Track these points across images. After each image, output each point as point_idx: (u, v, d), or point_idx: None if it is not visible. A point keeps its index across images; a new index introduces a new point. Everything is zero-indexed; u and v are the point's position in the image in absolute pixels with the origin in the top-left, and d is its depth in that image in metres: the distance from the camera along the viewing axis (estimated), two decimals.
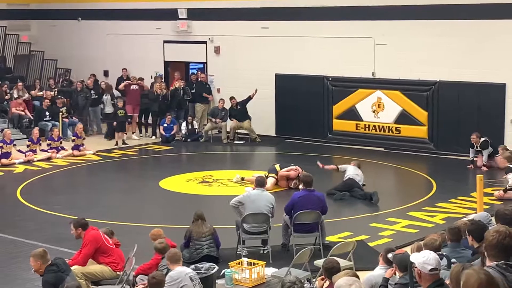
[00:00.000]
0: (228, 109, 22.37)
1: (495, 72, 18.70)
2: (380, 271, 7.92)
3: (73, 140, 20.87)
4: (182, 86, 23.09)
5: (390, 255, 7.85)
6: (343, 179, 15.64)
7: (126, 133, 22.59)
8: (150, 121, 23.69)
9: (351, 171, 15.65)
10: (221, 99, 22.70)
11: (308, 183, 11.83)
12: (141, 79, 23.94)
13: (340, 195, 15.18)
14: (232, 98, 22.23)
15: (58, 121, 22.55)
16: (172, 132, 22.33)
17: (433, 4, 19.64)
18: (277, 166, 16.63)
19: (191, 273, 8.48)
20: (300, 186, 12.39)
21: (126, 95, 23.23)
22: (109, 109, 23.35)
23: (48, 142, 20.50)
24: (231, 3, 23.12)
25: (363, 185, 15.62)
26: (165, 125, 22.38)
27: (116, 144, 21.97)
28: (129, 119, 22.71)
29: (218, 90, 23.74)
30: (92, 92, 23.75)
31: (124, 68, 24.92)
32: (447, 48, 19.53)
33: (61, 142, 20.57)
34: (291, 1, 22.02)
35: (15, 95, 23.27)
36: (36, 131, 20.30)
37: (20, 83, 23.67)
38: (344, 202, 15.06)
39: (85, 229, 9.96)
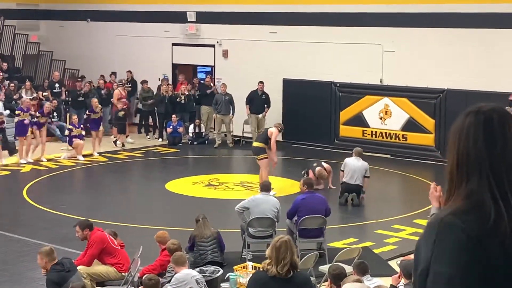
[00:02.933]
0: (249, 94, 21.90)
1: (504, 81, 18.68)
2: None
3: (87, 115, 21.19)
4: (187, 93, 22.96)
5: (398, 262, 7.83)
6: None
7: (127, 135, 22.63)
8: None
9: (349, 167, 15.29)
10: (223, 83, 22.57)
11: (311, 185, 12.12)
12: (145, 81, 23.97)
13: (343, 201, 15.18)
14: (260, 82, 21.85)
15: (65, 122, 22.64)
16: (178, 131, 22.33)
17: (442, 12, 19.64)
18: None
19: (197, 276, 8.50)
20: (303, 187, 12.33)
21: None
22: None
23: (69, 127, 20.50)
24: (240, 7, 23.16)
25: (367, 177, 15.35)
26: (171, 126, 22.42)
27: (122, 145, 22.00)
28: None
29: None
30: (103, 92, 23.78)
31: (129, 71, 25.06)
32: (456, 57, 19.53)
33: (82, 129, 20.50)
34: (300, 6, 22.05)
35: (24, 95, 23.32)
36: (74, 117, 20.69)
37: (28, 83, 23.72)
38: (349, 209, 15.04)
39: (92, 229, 10.00)
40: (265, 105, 21.95)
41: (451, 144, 2.16)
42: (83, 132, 20.30)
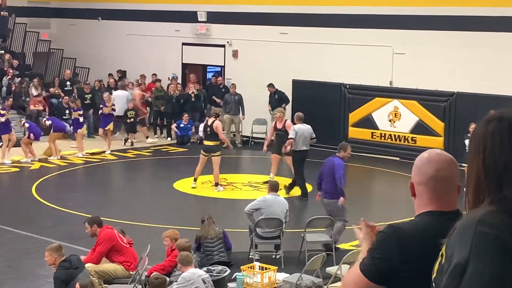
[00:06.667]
0: (269, 97, 22.02)
1: None
2: None
3: (100, 108, 21.24)
4: (195, 92, 22.97)
5: None
6: (294, 145, 15.77)
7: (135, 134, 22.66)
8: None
9: (301, 133, 15.79)
10: (232, 83, 22.64)
11: (338, 149, 13.15)
12: (158, 80, 24.06)
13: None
14: (270, 85, 21.92)
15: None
16: (190, 132, 22.39)
17: (453, 15, 19.60)
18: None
19: (204, 275, 8.51)
20: None
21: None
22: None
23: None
24: (251, 8, 23.17)
25: (313, 138, 16.14)
26: (182, 125, 22.44)
27: (132, 144, 22.06)
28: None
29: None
30: (113, 91, 23.79)
31: (119, 70, 25.26)
32: (466, 60, 19.48)
33: (80, 115, 20.76)
34: (311, 7, 22.04)
35: (33, 92, 23.40)
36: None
37: (35, 80, 23.74)
38: (356, 209, 15.01)
39: (101, 226, 10.01)
40: (282, 104, 21.94)
41: (474, 153, 2.14)
42: (81, 119, 20.58)
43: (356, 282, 2.63)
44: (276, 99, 21.89)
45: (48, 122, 20.04)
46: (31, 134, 19.12)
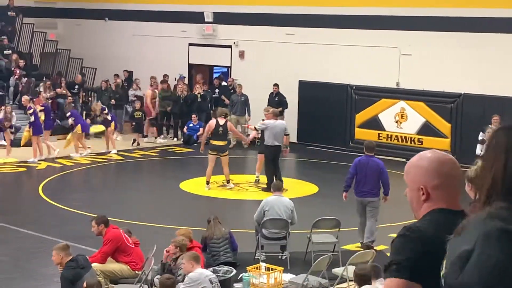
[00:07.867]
0: (269, 95, 22.11)
1: None
2: None
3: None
4: (202, 93, 22.99)
5: None
6: (265, 140, 16.00)
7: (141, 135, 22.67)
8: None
9: (270, 129, 15.90)
10: (239, 84, 22.67)
11: (369, 148, 12.42)
12: (165, 81, 24.06)
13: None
14: (275, 85, 22.02)
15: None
16: (198, 133, 22.42)
17: (460, 16, 19.57)
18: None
19: (211, 276, 8.51)
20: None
21: None
22: None
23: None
24: (257, 9, 23.18)
25: (287, 134, 16.23)
26: (191, 125, 22.46)
27: (138, 144, 22.09)
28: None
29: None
30: (117, 96, 23.79)
31: (125, 70, 25.25)
32: (473, 61, 19.44)
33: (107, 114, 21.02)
34: (317, 8, 22.04)
35: (42, 92, 23.41)
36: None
37: (48, 82, 23.76)
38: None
39: (107, 226, 10.02)
40: (279, 108, 21.94)
41: (494, 158, 2.22)
42: (70, 121, 20.41)
43: None
44: (276, 101, 21.91)
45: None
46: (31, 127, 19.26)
